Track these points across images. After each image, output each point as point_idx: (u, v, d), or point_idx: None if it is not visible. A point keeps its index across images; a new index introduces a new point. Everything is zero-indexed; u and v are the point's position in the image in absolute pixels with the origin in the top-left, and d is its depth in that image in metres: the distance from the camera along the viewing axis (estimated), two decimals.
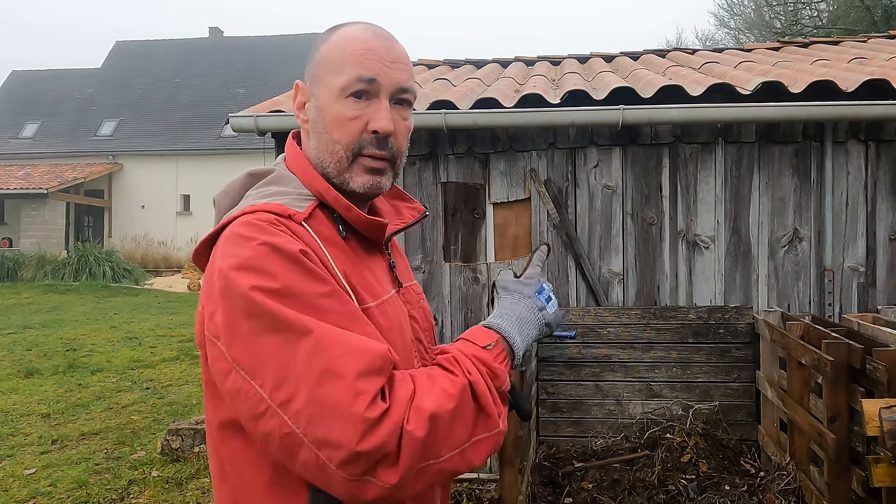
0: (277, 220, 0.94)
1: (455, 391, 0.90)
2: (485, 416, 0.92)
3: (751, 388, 3.99)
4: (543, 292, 1.11)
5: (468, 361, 0.96)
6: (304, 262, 0.89)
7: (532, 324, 1.07)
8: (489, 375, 0.95)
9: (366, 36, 1.02)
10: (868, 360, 2.55)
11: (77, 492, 4.13)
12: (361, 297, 0.98)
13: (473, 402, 0.92)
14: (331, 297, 0.89)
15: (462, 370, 0.94)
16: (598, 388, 4.11)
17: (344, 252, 1.00)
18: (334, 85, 1.01)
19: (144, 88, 26.79)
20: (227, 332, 0.87)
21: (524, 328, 1.06)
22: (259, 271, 0.87)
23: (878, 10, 15.03)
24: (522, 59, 6.34)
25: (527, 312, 1.08)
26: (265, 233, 0.91)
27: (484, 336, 1.01)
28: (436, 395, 0.88)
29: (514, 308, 1.08)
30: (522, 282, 1.11)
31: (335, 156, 1.02)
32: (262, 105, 4.45)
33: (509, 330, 1.03)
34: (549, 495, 3.57)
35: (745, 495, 3.36)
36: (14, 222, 21.31)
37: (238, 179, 1.07)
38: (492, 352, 0.99)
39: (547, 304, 1.11)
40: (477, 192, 4.35)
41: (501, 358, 0.99)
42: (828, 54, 5.33)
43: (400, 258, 1.20)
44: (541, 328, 1.09)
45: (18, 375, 7.13)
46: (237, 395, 0.87)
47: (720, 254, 4.19)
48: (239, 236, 0.91)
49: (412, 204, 1.21)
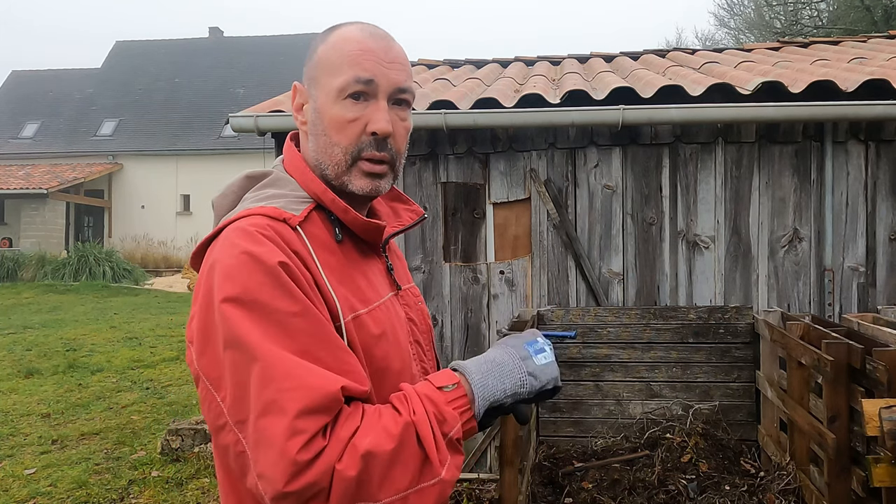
0: (268, 226, 0.93)
1: (396, 431, 0.85)
2: (428, 462, 0.86)
3: (751, 388, 3.99)
4: (535, 344, 1.00)
5: (417, 401, 0.89)
6: (281, 276, 0.87)
7: (509, 373, 0.95)
8: (436, 418, 0.88)
9: (363, 36, 1.02)
10: (868, 360, 2.55)
11: (77, 492, 4.13)
12: (351, 304, 0.96)
13: (418, 445, 0.86)
14: (302, 316, 0.87)
15: (408, 409, 0.88)
16: (598, 388, 4.11)
17: (337, 256, 1.00)
18: (332, 86, 1.00)
19: (144, 88, 26.79)
20: (199, 339, 0.89)
21: (496, 375, 0.95)
22: (234, 282, 0.86)
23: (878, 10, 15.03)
24: (522, 59, 6.34)
25: (506, 358, 0.97)
26: (251, 241, 0.90)
27: (445, 377, 0.94)
28: (376, 433, 0.84)
29: (492, 353, 0.99)
30: (516, 334, 1.04)
31: (334, 158, 1.01)
32: (262, 105, 4.45)
33: (473, 374, 0.94)
34: (549, 495, 3.57)
35: (745, 495, 3.36)
36: (14, 222, 21.31)
37: (236, 182, 1.07)
38: (448, 394, 0.91)
39: (535, 354, 0.98)
40: (477, 192, 4.35)
41: (460, 403, 0.91)
42: (828, 54, 5.34)
43: (398, 260, 1.19)
44: (522, 379, 0.96)
45: (18, 375, 7.13)
46: (203, 401, 0.90)
47: (720, 254, 4.19)
48: (229, 243, 0.91)
49: (410, 206, 1.20)
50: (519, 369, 0.96)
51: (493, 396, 0.93)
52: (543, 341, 1.01)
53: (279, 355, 0.83)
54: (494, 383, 0.94)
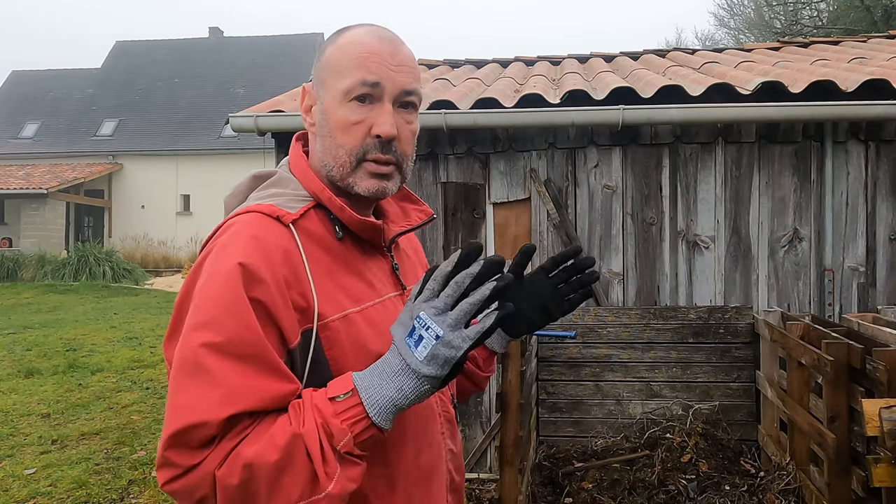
0: (256, 222, 0.96)
1: (282, 442, 0.83)
2: (316, 475, 0.84)
3: (751, 388, 3.99)
4: (414, 332, 0.86)
5: (308, 411, 0.86)
6: (241, 302, 0.89)
7: (399, 374, 0.86)
8: (324, 430, 0.85)
9: (370, 39, 1.02)
10: (868, 360, 2.55)
11: (77, 492, 4.13)
12: (340, 302, 0.97)
13: (307, 458, 0.84)
14: (237, 345, 0.87)
15: (299, 420, 0.86)
16: (598, 388, 4.11)
17: (333, 254, 1.01)
18: (338, 88, 1.01)
19: (144, 88, 26.80)
20: (170, 326, 0.96)
21: (389, 380, 0.87)
22: (199, 275, 0.93)
23: (878, 10, 15.03)
24: (522, 59, 6.34)
25: (393, 360, 0.88)
26: (230, 241, 0.94)
27: (341, 384, 0.89)
28: (262, 444, 0.84)
29: (387, 355, 0.90)
30: (400, 319, 0.90)
31: (339, 160, 1.02)
32: (262, 105, 4.45)
33: (363, 382, 0.88)
34: (549, 495, 3.57)
35: (745, 495, 3.36)
36: (14, 222, 21.31)
37: (244, 182, 1.10)
38: (339, 404, 0.86)
39: (415, 346, 0.86)
40: (477, 192, 4.35)
41: (353, 413, 0.86)
42: (828, 54, 5.33)
43: (407, 259, 1.19)
44: (416, 374, 0.86)
45: (18, 375, 7.13)
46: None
47: (720, 254, 4.19)
48: (221, 242, 0.96)
49: (420, 206, 1.21)
50: (404, 369, 0.87)
51: (391, 402, 0.86)
52: (424, 315, 0.86)
53: (204, 369, 0.86)
54: (387, 386, 0.86)
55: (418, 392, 0.87)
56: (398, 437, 0.99)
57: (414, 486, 1.02)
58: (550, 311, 1.13)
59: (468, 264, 0.86)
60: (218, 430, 0.84)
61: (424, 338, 0.85)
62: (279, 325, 0.91)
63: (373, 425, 0.86)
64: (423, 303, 0.87)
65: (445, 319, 0.85)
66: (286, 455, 0.83)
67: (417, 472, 1.03)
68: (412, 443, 1.03)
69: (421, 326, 0.86)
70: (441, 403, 1.12)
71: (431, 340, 0.84)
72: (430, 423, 1.07)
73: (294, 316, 0.93)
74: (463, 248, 0.86)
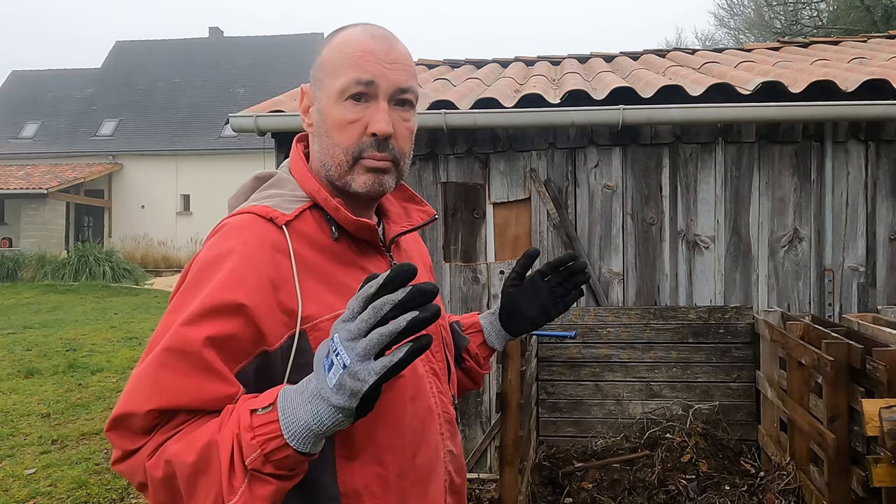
0: (248, 223, 0.99)
1: (199, 445, 0.83)
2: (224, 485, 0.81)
3: (751, 388, 3.99)
4: (328, 354, 0.79)
5: (233, 418, 0.84)
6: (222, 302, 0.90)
7: (315, 399, 0.80)
8: (237, 442, 0.81)
9: (364, 38, 1.02)
10: (868, 360, 2.55)
11: (77, 492, 4.13)
12: (330, 304, 0.97)
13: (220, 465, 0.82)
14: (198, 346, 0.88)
15: (220, 424, 0.84)
16: (598, 388, 4.11)
17: (327, 255, 1.01)
18: (333, 88, 1.01)
19: (144, 88, 26.79)
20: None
21: (307, 404, 0.80)
22: (188, 271, 0.98)
23: (878, 10, 15.03)
24: (522, 59, 6.34)
25: (311, 382, 0.82)
26: (219, 241, 0.97)
27: (266, 397, 0.84)
28: (184, 443, 0.84)
29: (311, 374, 0.83)
30: (331, 333, 0.81)
31: (335, 159, 1.02)
32: (262, 105, 4.44)
33: (285, 400, 0.82)
34: (549, 495, 3.57)
35: (745, 495, 3.36)
36: (14, 222, 21.31)
37: (247, 183, 1.12)
38: (258, 417, 0.82)
39: (328, 370, 0.78)
40: (477, 192, 4.35)
41: (268, 429, 0.80)
42: (828, 54, 5.33)
43: (409, 260, 1.19)
44: (327, 402, 0.79)
45: (18, 375, 7.13)
46: None
47: (720, 254, 4.19)
48: (211, 242, 1.00)
49: (423, 207, 1.21)
50: (318, 396, 0.80)
51: (307, 427, 0.80)
52: (332, 346, 0.79)
53: (158, 358, 0.88)
54: (305, 410, 0.80)
55: (334, 420, 0.79)
56: (394, 436, 0.99)
57: (410, 486, 1.01)
58: (548, 310, 1.24)
59: (394, 288, 0.77)
60: (145, 422, 0.86)
61: (335, 364, 0.78)
62: (259, 326, 0.90)
63: (288, 446, 0.80)
64: (341, 322, 0.79)
65: (355, 347, 0.76)
66: (202, 459, 0.82)
67: (414, 472, 1.02)
68: (409, 443, 1.01)
69: (332, 350, 0.78)
70: (441, 404, 1.11)
71: (340, 368, 0.77)
72: (428, 424, 1.06)
73: (279, 318, 0.93)
74: (393, 269, 0.78)
